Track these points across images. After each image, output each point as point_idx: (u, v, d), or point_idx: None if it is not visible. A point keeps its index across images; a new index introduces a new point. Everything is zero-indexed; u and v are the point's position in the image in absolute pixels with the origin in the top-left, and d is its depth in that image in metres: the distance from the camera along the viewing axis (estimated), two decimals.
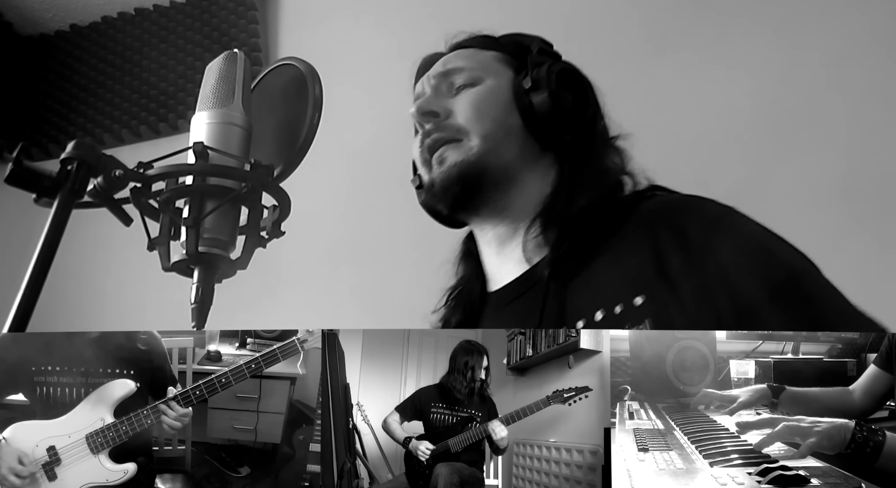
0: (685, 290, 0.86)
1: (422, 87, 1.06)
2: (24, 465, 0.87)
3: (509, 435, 0.96)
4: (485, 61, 1.04)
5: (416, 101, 1.05)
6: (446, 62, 1.04)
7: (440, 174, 0.99)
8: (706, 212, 0.91)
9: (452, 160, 0.99)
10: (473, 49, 1.06)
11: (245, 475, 0.96)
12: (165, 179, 0.83)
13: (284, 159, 0.90)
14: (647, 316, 0.87)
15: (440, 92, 1.03)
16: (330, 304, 2.07)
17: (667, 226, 0.90)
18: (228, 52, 0.90)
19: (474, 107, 1.00)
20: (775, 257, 0.87)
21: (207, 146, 0.83)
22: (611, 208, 0.96)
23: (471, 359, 1.00)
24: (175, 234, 0.84)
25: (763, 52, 1.88)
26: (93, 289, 2.34)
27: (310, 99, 0.90)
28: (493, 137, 1.00)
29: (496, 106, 1.01)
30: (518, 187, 1.01)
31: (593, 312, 0.92)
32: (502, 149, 1.00)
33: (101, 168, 0.81)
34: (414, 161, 1.11)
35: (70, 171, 0.79)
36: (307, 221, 1.13)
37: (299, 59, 0.95)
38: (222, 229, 0.84)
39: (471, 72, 1.02)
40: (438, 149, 1.00)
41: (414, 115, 1.00)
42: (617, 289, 0.90)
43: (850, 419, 0.72)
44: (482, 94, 1.01)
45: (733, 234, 0.88)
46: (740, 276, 0.85)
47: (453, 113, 1.00)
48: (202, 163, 0.83)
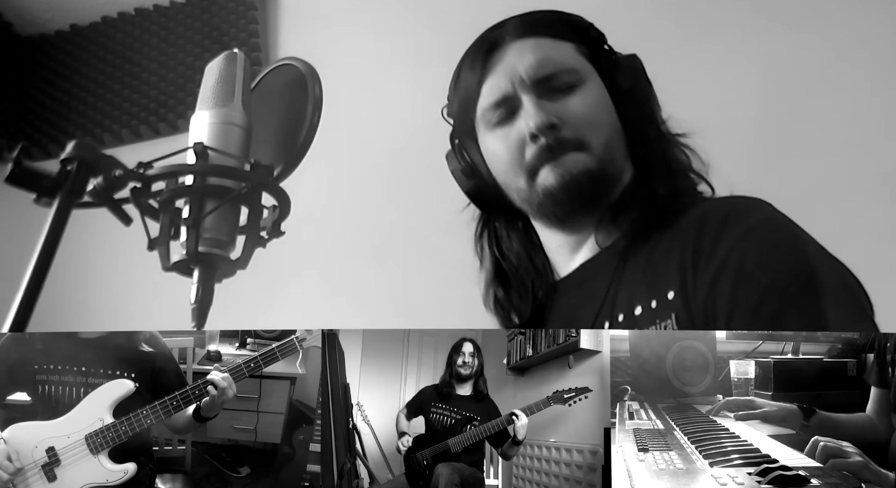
0: (713, 284, 0.86)
1: (508, 86, 1.00)
2: (11, 463, 0.87)
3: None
4: (573, 58, 1.02)
5: (496, 102, 1.01)
6: (542, 63, 1.00)
7: (564, 179, 0.97)
8: (748, 217, 0.91)
9: (580, 169, 0.97)
10: (550, 39, 1.03)
11: (245, 475, 0.96)
12: (165, 179, 0.83)
13: (284, 159, 0.90)
14: (673, 310, 0.88)
15: (542, 96, 0.99)
16: (330, 304, 2.07)
17: (710, 227, 0.90)
18: (228, 52, 0.90)
19: (589, 116, 0.99)
20: (814, 268, 0.86)
21: (207, 146, 0.83)
22: (674, 207, 0.97)
23: (454, 354, 1.00)
24: (175, 234, 0.84)
25: (763, 53, 1.88)
26: (93, 289, 2.34)
27: (310, 99, 0.90)
28: (611, 146, 1.00)
29: (606, 111, 1.01)
30: (614, 190, 1.01)
31: (634, 306, 0.92)
32: (617, 155, 1.00)
33: (101, 168, 0.81)
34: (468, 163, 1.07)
35: (70, 171, 0.79)
36: (307, 221, 1.12)
37: (299, 59, 0.95)
38: (222, 229, 0.84)
39: (569, 74, 1.00)
40: (558, 158, 0.98)
41: (534, 128, 0.97)
42: (658, 284, 0.91)
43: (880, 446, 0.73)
44: (592, 102, 1.00)
45: (766, 244, 0.87)
46: (772, 277, 0.85)
47: (566, 122, 0.98)
48: (202, 164, 0.83)
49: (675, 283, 0.89)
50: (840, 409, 0.78)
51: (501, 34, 1.03)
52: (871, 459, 0.72)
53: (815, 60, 1.84)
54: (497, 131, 1.01)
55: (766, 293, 0.84)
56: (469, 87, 1.03)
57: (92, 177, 0.81)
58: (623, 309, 0.93)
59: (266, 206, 0.88)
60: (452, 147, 1.09)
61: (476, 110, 1.03)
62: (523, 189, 1.00)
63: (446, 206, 1.18)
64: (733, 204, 0.95)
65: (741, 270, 0.85)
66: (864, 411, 0.78)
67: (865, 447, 0.73)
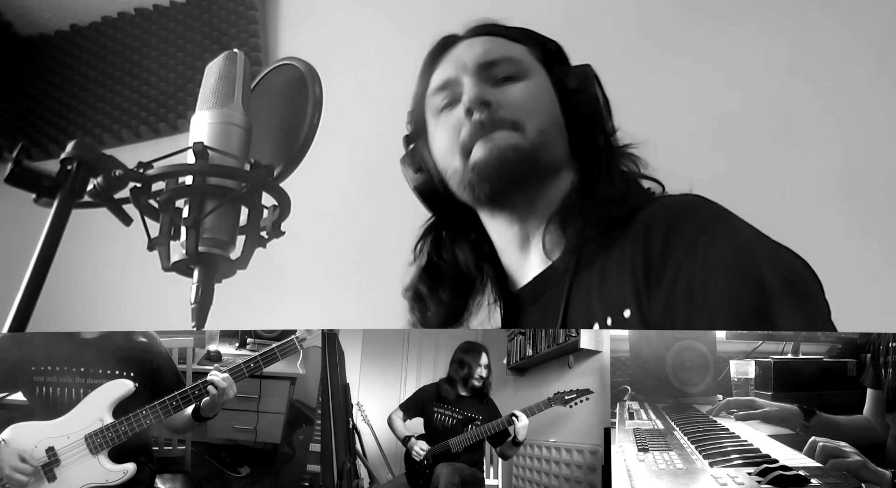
0: (667, 302, 0.86)
1: (452, 71, 1.03)
2: (25, 462, 0.87)
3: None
4: (521, 53, 1.04)
5: (439, 85, 1.04)
6: (487, 52, 1.02)
7: (492, 153, 0.98)
8: (696, 217, 0.90)
9: (508, 143, 0.98)
10: (502, 39, 1.05)
11: (245, 475, 0.96)
12: (165, 179, 0.83)
13: (284, 159, 0.90)
14: (633, 328, 0.89)
15: (482, 80, 1.01)
16: (330, 304, 2.07)
17: (656, 233, 0.90)
18: (228, 52, 0.90)
19: (528, 101, 1.00)
20: (760, 270, 0.86)
21: (207, 146, 0.83)
22: (622, 211, 0.96)
23: (467, 357, 1.00)
24: (175, 234, 0.84)
25: (762, 53, 1.88)
26: (93, 289, 2.34)
27: (310, 99, 0.91)
28: (547, 132, 1.00)
29: (547, 103, 1.02)
30: (552, 185, 1.02)
31: (591, 323, 0.93)
32: (553, 145, 1.01)
33: (101, 168, 0.81)
34: (414, 146, 1.10)
35: (70, 171, 0.79)
36: (307, 221, 1.12)
37: (299, 59, 0.95)
38: (222, 229, 0.84)
39: (514, 64, 1.02)
40: (490, 133, 0.98)
41: (467, 102, 0.98)
42: (612, 300, 0.91)
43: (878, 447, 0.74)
44: (533, 89, 1.01)
45: (720, 242, 0.87)
46: (723, 287, 0.85)
47: (503, 104, 0.99)
48: (202, 164, 0.83)
49: (631, 302, 0.89)
50: (840, 409, 0.78)
51: (456, 36, 1.08)
52: (869, 458, 0.72)
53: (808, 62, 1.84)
54: (440, 117, 1.04)
55: (718, 308, 0.84)
56: (421, 83, 1.08)
57: (92, 177, 0.81)
58: (587, 321, 0.94)
59: (266, 206, 0.88)
60: (406, 148, 1.12)
61: (425, 99, 1.06)
62: (458, 170, 1.02)
63: None
64: (673, 209, 0.95)
65: (690, 292, 0.85)
66: (863, 411, 0.78)
67: (863, 447, 0.73)
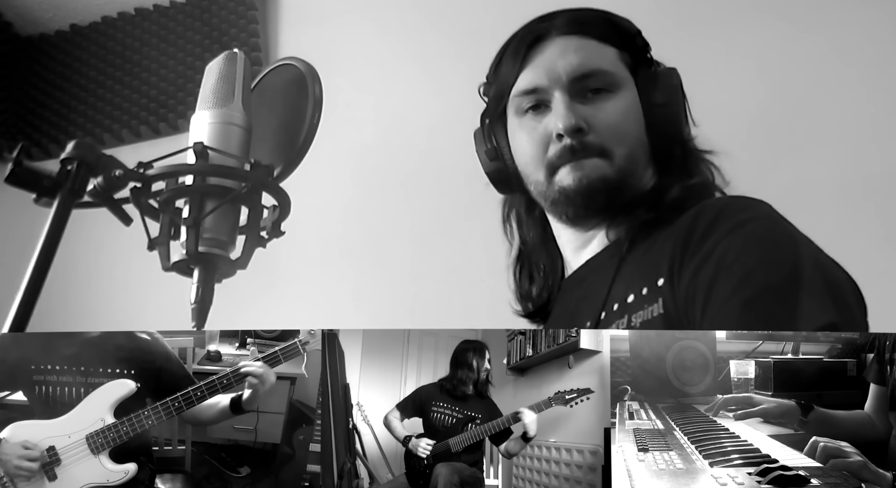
0: (694, 273, 0.88)
1: (545, 81, 1.01)
2: (30, 450, 0.87)
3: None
4: (613, 62, 1.03)
5: (527, 90, 1.03)
6: (582, 64, 1.01)
7: (581, 184, 0.99)
8: (742, 213, 0.92)
9: (598, 175, 0.99)
10: (595, 41, 1.03)
11: (245, 475, 0.96)
12: (165, 179, 0.83)
13: (284, 159, 0.90)
14: (661, 295, 0.90)
15: (574, 97, 1.00)
16: (330, 304, 2.07)
17: (702, 219, 0.92)
18: (228, 52, 0.90)
19: (618, 125, 1.00)
20: (800, 261, 0.86)
21: (207, 146, 0.83)
22: (682, 203, 0.98)
23: (471, 355, 1.00)
24: (175, 234, 0.84)
25: (762, 53, 1.88)
26: (93, 289, 2.34)
27: (310, 99, 0.91)
28: (634, 158, 1.01)
29: (635, 124, 1.02)
30: (630, 199, 1.03)
31: (627, 295, 0.95)
32: (639, 169, 1.02)
33: (101, 168, 0.81)
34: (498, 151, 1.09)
35: (70, 171, 0.79)
36: (307, 221, 1.13)
37: (299, 58, 0.95)
38: (222, 229, 0.84)
39: (606, 77, 1.01)
40: (580, 160, 0.99)
41: (560, 129, 0.98)
42: (650, 273, 0.93)
43: (878, 444, 0.73)
44: (623, 111, 1.01)
45: (750, 235, 0.88)
46: (754, 266, 0.86)
47: (593, 128, 0.99)
48: (202, 163, 0.83)
49: (665, 271, 0.91)
50: (840, 409, 0.79)
51: (548, 27, 1.04)
52: (869, 456, 0.72)
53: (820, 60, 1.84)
54: (525, 120, 1.04)
55: (743, 281, 0.85)
56: (507, 73, 1.05)
57: (92, 177, 0.81)
58: (618, 299, 0.96)
59: (266, 206, 0.88)
60: (482, 126, 1.11)
61: (509, 96, 1.05)
62: (541, 182, 1.02)
63: (447, 206, 1.18)
64: (729, 201, 0.97)
65: (723, 260, 0.86)
66: (864, 407, 0.78)
67: (863, 444, 0.73)
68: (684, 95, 1.06)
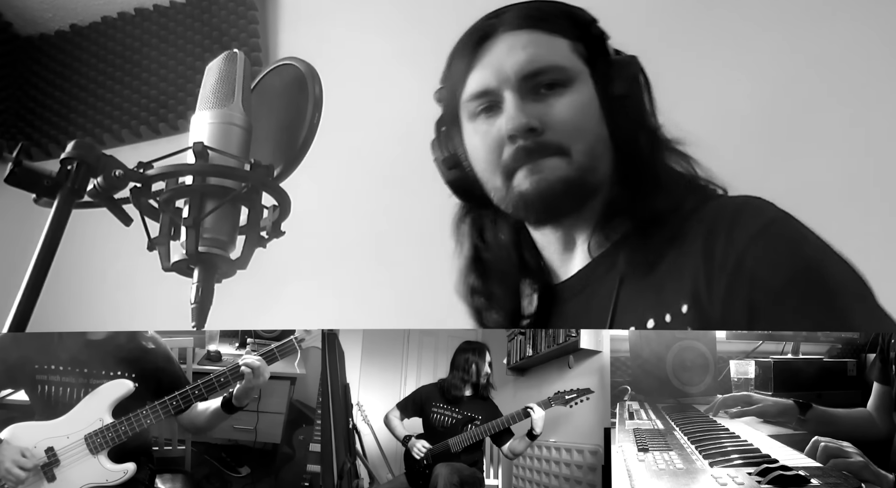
0: (725, 300, 0.86)
1: (493, 81, 0.97)
2: (26, 458, 0.87)
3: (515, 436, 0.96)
4: (565, 55, 0.98)
5: (477, 93, 0.98)
6: (531, 61, 0.96)
7: (539, 186, 0.95)
8: (758, 218, 0.90)
9: (557, 176, 0.95)
10: (545, 34, 0.98)
11: (245, 475, 0.96)
12: (165, 179, 0.83)
13: (284, 159, 0.90)
14: (689, 324, 0.87)
15: (525, 95, 0.96)
16: (330, 304, 2.07)
17: (719, 232, 0.89)
18: (228, 52, 0.90)
19: (574, 121, 0.96)
20: (818, 275, 0.86)
21: (207, 146, 0.83)
22: (677, 210, 0.95)
23: (472, 356, 1.00)
24: (175, 234, 0.84)
25: (762, 53, 1.88)
26: (93, 289, 2.34)
27: (310, 99, 0.91)
28: (593, 153, 0.97)
29: (592, 118, 0.97)
30: (598, 196, 0.99)
31: (647, 319, 0.91)
32: (599, 164, 0.98)
33: (101, 168, 0.81)
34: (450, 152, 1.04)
35: (70, 171, 0.79)
36: (307, 221, 1.12)
37: (299, 59, 0.95)
38: (222, 229, 0.84)
39: (558, 72, 0.97)
40: (536, 161, 0.95)
41: (511, 130, 0.94)
42: (670, 296, 0.90)
43: (879, 443, 0.73)
44: (579, 106, 0.97)
45: (780, 245, 0.87)
46: (780, 291, 0.85)
47: (548, 126, 0.95)
48: (202, 163, 0.83)
49: (688, 296, 0.88)
50: (840, 409, 0.79)
51: (495, 24, 1.00)
52: (870, 456, 0.72)
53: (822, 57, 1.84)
54: (477, 123, 0.99)
55: (782, 296, 0.84)
56: (456, 76, 1.01)
57: (92, 177, 0.81)
58: (634, 322, 0.92)
59: (266, 206, 0.88)
60: (437, 135, 1.07)
61: (460, 99, 1.01)
62: (500, 188, 0.98)
63: (446, 206, 1.17)
64: (739, 206, 0.94)
65: (756, 274, 0.84)
66: (866, 406, 0.78)
67: (864, 443, 0.73)
68: (648, 83, 1.01)
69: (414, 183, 2.01)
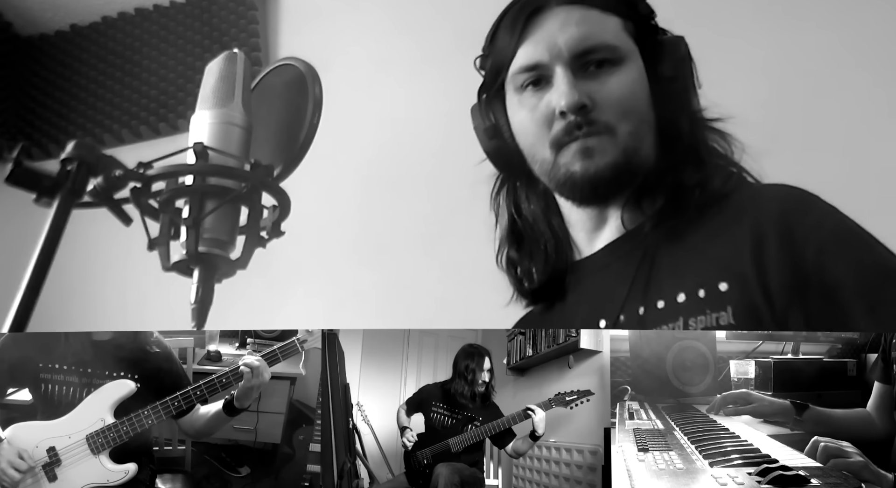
0: (779, 287, 0.84)
1: (545, 56, 0.97)
2: (23, 460, 0.87)
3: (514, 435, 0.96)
4: (616, 33, 0.98)
5: (527, 66, 0.98)
6: (584, 38, 0.96)
7: (589, 170, 0.95)
8: (813, 211, 0.90)
9: (606, 162, 0.95)
10: (597, 11, 0.99)
11: (245, 475, 0.96)
12: (165, 179, 0.83)
13: (284, 159, 0.90)
14: (729, 303, 0.86)
15: (577, 72, 0.96)
16: (330, 304, 2.07)
17: (772, 220, 0.88)
18: (228, 52, 0.90)
19: (623, 101, 0.96)
20: (885, 268, 0.85)
21: (207, 146, 0.83)
22: (714, 187, 0.95)
23: (471, 363, 1.00)
24: (175, 234, 0.84)
25: (761, 53, 1.87)
26: (93, 289, 2.34)
27: (310, 99, 0.90)
28: (639, 135, 0.97)
29: (640, 98, 0.98)
30: (641, 176, 0.99)
31: (676, 293, 0.90)
32: (645, 145, 0.98)
33: (101, 168, 0.81)
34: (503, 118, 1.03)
35: (70, 171, 0.79)
36: (307, 221, 1.12)
37: (299, 59, 0.95)
38: (222, 229, 0.84)
39: (609, 50, 0.97)
40: (584, 138, 0.95)
41: (564, 106, 0.94)
42: (705, 273, 0.89)
43: (879, 443, 0.73)
44: (628, 86, 0.97)
45: (841, 238, 0.86)
46: (842, 282, 0.83)
47: (597, 104, 0.95)
48: (202, 164, 0.83)
49: (730, 275, 0.87)
50: (839, 409, 0.78)
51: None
52: (870, 456, 0.72)
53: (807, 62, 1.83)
54: (524, 96, 0.99)
55: (860, 287, 0.82)
56: (504, 47, 1.00)
57: (92, 177, 0.81)
58: (664, 295, 0.91)
59: (266, 206, 0.88)
60: (479, 102, 1.07)
61: (508, 72, 1.00)
62: (547, 161, 0.98)
63: (447, 205, 1.18)
64: (784, 196, 0.93)
65: (825, 279, 0.83)
66: (866, 405, 0.78)
67: (864, 443, 0.73)
68: (693, 64, 1.01)
69: (414, 182, 2.02)
